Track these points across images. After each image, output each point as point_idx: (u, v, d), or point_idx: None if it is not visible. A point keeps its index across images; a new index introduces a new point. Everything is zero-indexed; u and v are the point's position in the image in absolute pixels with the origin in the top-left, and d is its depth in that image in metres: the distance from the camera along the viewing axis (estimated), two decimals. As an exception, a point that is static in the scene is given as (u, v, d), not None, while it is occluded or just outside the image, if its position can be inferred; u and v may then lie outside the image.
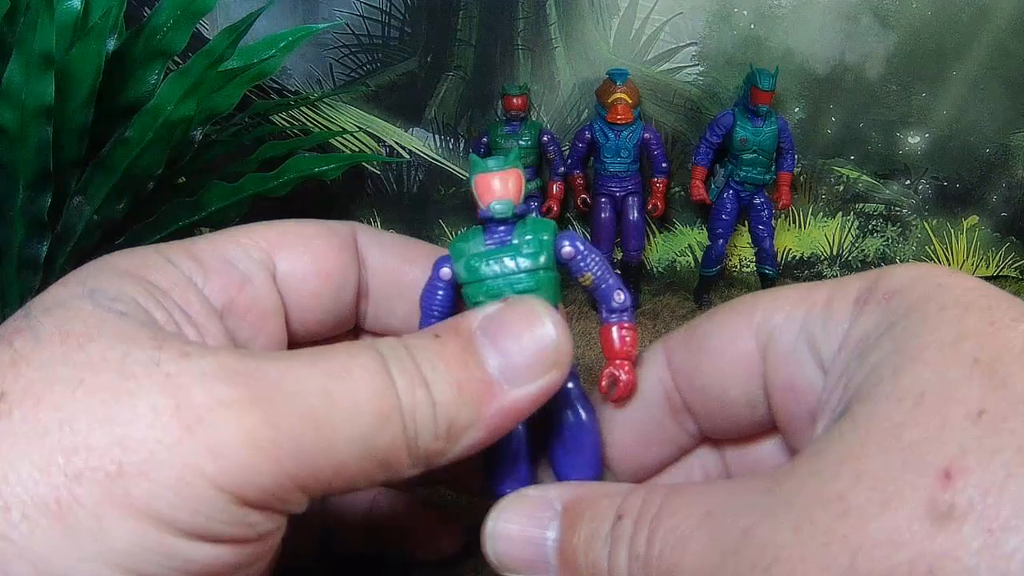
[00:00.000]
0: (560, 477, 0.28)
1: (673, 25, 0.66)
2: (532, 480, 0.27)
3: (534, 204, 0.68)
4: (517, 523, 0.24)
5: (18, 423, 0.19)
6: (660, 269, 0.74)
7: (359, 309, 0.29)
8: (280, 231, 0.27)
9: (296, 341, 0.27)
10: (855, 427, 0.18)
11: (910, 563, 0.16)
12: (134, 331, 0.20)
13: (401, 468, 0.22)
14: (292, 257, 0.27)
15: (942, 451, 0.17)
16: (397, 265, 0.29)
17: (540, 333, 0.23)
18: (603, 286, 0.27)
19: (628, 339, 0.27)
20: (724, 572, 0.18)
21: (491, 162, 0.26)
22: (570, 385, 0.27)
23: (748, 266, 0.73)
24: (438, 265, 0.27)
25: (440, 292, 0.27)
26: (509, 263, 0.26)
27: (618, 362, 0.27)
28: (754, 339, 0.24)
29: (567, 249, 0.26)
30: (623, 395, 0.27)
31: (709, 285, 0.70)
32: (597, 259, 0.27)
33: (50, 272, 0.42)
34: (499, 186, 0.26)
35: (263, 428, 0.19)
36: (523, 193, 0.27)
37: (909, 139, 0.70)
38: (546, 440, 0.28)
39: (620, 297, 0.27)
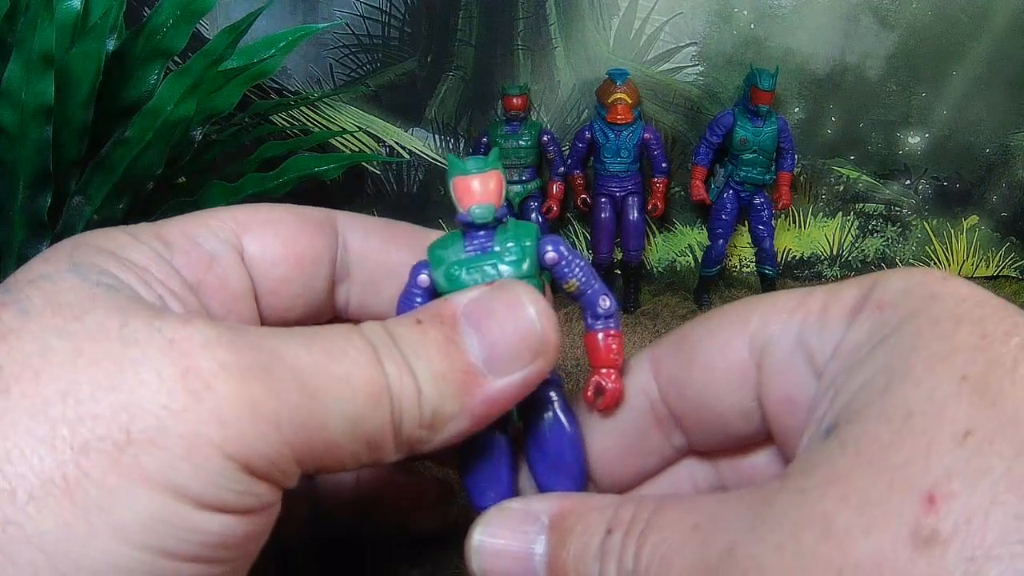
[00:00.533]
0: (542, 489, 0.27)
1: (673, 25, 0.66)
2: (514, 492, 0.27)
3: (534, 205, 0.68)
4: (503, 538, 0.23)
5: (17, 399, 0.18)
6: (660, 269, 0.74)
7: (339, 293, 0.29)
8: (249, 213, 0.26)
9: (269, 324, 0.27)
10: (843, 447, 0.18)
11: None
12: (127, 303, 0.20)
13: (386, 452, 0.22)
14: (261, 238, 0.26)
15: (927, 474, 0.16)
16: (381, 247, 0.28)
17: (525, 322, 0.23)
18: (588, 292, 0.26)
19: (614, 347, 0.26)
20: None
21: (470, 163, 0.25)
22: (553, 395, 0.27)
23: (748, 266, 0.73)
24: (416, 271, 0.26)
25: (418, 300, 0.26)
26: (491, 271, 0.25)
27: (604, 371, 0.26)
28: (748, 349, 0.24)
29: (550, 255, 0.25)
30: (610, 404, 0.26)
31: (709, 285, 0.70)
32: (581, 264, 0.26)
33: (50, 272, 0.42)
34: (479, 188, 0.25)
35: (266, 397, 0.19)
36: (503, 194, 0.25)
37: (909, 139, 0.70)
38: (528, 451, 0.27)
39: (606, 303, 0.26)
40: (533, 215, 0.67)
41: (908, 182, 0.71)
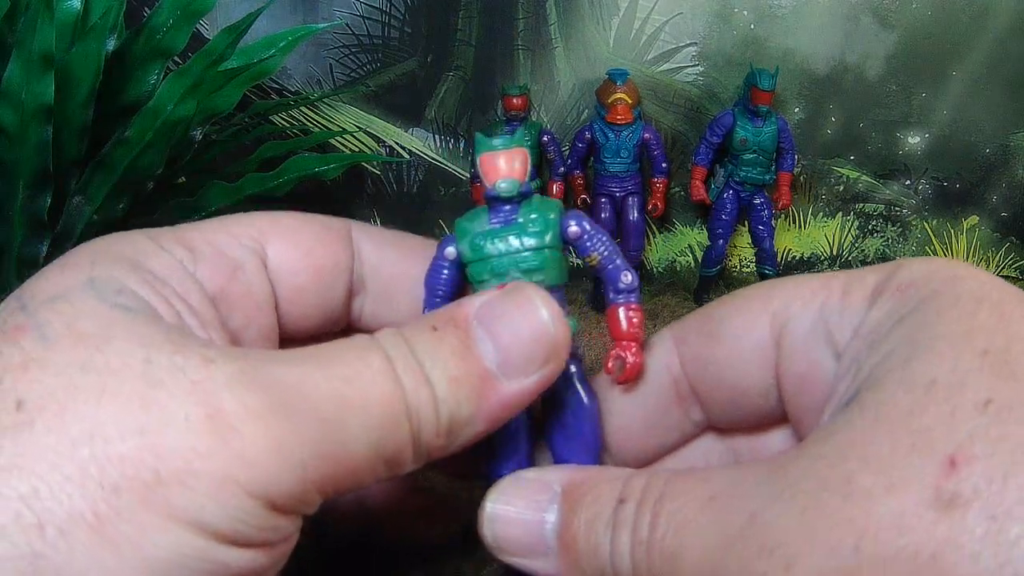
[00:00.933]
0: (558, 461, 0.27)
1: (673, 25, 0.66)
2: (531, 463, 0.27)
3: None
4: (515, 506, 0.24)
5: (42, 435, 0.18)
6: (660, 269, 0.74)
7: (355, 305, 0.29)
8: (272, 221, 0.26)
9: (285, 334, 0.27)
10: (863, 412, 0.18)
11: (914, 548, 0.16)
12: (148, 331, 0.20)
13: (405, 464, 0.22)
14: (283, 247, 0.26)
15: (949, 438, 0.17)
16: (394, 259, 0.29)
17: (538, 325, 0.23)
18: (610, 266, 0.27)
19: (635, 320, 0.27)
20: (729, 556, 0.18)
21: (497, 141, 0.26)
22: (572, 369, 0.27)
23: (748, 266, 0.73)
24: (443, 244, 0.26)
25: (445, 272, 0.27)
26: (514, 241, 0.26)
27: (625, 343, 0.27)
28: (769, 328, 0.24)
29: (573, 228, 0.26)
30: (630, 377, 0.27)
31: (709, 285, 0.70)
32: (604, 239, 0.26)
33: (50, 272, 0.42)
34: (505, 165, 0.26)
35: (290, 437, 0.19)
36: (528, 172, 0.26)
37: (909, 139, 0.70)
38: (546, 423, 0.28)
39: (627, 278, 0.26)
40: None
41: (908, 182, 0.71)
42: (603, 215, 0.66)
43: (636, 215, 0.66)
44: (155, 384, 0.19)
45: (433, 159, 0.70)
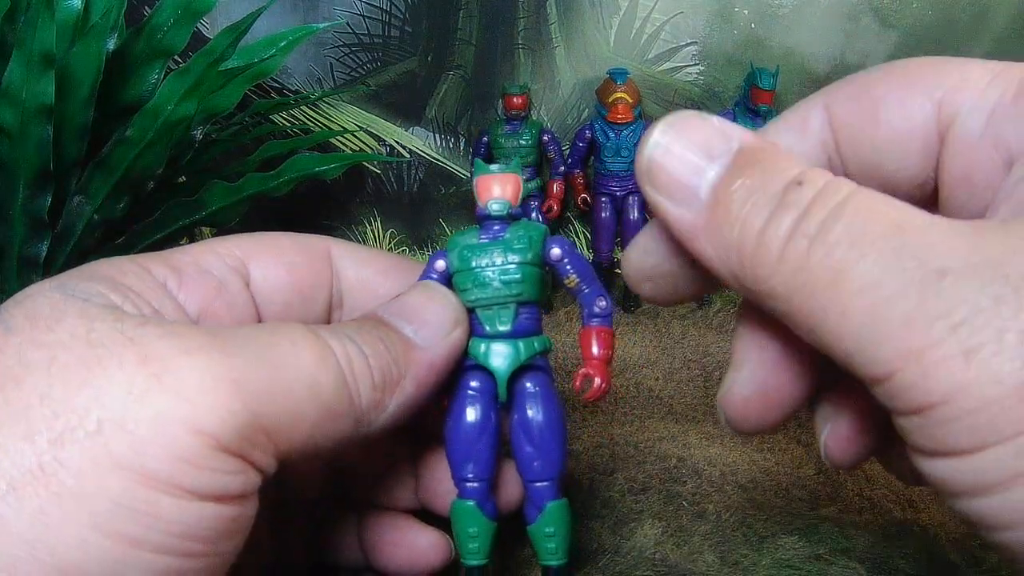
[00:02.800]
0: (521, 468, 0.29)
1: (673, 25, 0.66)
2: (493, 467, 0.29)
3: (534, 204, 0.68)
4: (685, 144, 0.21)
5: (1, 406, 0.19)
6: (660, 268, 0.74)
7: (332, 320, 0.30)
8: (254, 241, 0.28)
9: None
10: None
11: None
12: (96, 309, 0.21)
13: (347, 414, 0.23)
14: (266, 266, 0.28)
15: None
16: (372, 278, 0.30)
17: (437, 300, 0.27)
18: (586, 290, 0.29)
19: (605, 343, 0.29)
20: (897, 308, 0.16)
21: (493, 167, 0.29)
22: (541, 379, 0.29)
23: (748, 266, 0.73)
24: (434, 257, 0.29)
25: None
26: (499, 256, 0.28)
27: (595, 363, 0.29)
28: (936, 120, 0.22)
29: (555, 251, 0.28)
30: (595, 397, 0.28)
31: (709, 285, 0.70)
32: (582, 264, 0.29)
33: (50, 271, 0.42)
34: (498, 188, 0.28)
35: (222, 368, 0.20)
36: (520, 196, 0.29)
37: (909, 139, 0.70)
38: (512, 430, 0.29)
39: (602, 303, 0.29)
40: (533, 214, 0.67)
41: (908, 182, 0.71)
42: (603, 214, 0.66)
43: (636, 214, 0.66)
44: (96, 345, 0.20)
45: (433, 158, 0.70)
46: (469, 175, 0.69)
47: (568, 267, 0.29)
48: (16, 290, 0.41)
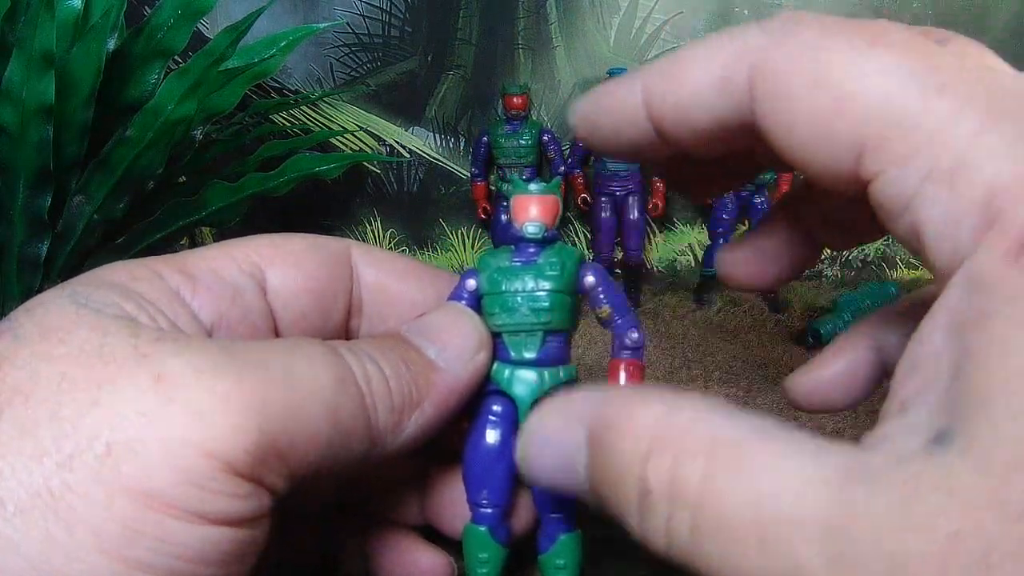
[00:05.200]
0: (538, 501, 0.28)
1: (674, 24, 0.66)
2: (509, 493, 0.28)
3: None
4: (549, 432, 0.20)
5: (8, 422, 0.19)
6: (660, 268, 0.74)
7: (351, 326, 0.29)
8: (272, 245, 0.27)
9: None
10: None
11: None
12: (110, 323, 0.21)
13: (364, 441, 0.23)
14: (283, 272, 0.27)
15: None
16: (391, 282, 0.29)
17: (462, 322, 0.26)
18: (619, 320, 0.27)
19: (634, 377, 0.28)
20: None
21: (532, 186, 0.27)
22: None
23: (748, 265, 0.73)
24: (466, 276, 0.28)
25: (463, 302, 0.27)
26: (530, 282, 0.26)
27: None
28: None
29: (590, 279, 0.27)
30: None
31: (710, 284, 0.70)
32: (616, 294, 0.27)
33: (50, 271, 0.42)
34: (535, 209, 0.27)
35: (238, 389, 0.20)
36: (558, 219, 0.27)
37: (909, 138, 0.70)
38: None
39: (634, 335, 0.27)
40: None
41: (908, 181, 0.71)
42: (603, 214, 0.66)
43: (636, 214, 0.66)
44: (108, 361, 0.20)
45: (433, 158, 0.70)
46: (469, 175, 0.69)
47: (601, 296, 0.27)
48: (16, 290, 0.41)
